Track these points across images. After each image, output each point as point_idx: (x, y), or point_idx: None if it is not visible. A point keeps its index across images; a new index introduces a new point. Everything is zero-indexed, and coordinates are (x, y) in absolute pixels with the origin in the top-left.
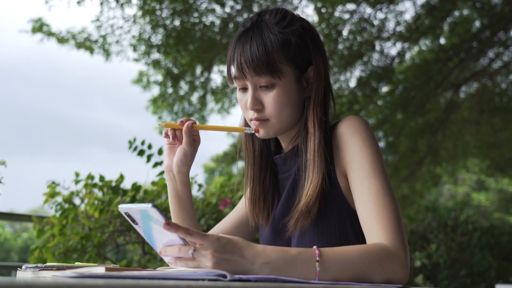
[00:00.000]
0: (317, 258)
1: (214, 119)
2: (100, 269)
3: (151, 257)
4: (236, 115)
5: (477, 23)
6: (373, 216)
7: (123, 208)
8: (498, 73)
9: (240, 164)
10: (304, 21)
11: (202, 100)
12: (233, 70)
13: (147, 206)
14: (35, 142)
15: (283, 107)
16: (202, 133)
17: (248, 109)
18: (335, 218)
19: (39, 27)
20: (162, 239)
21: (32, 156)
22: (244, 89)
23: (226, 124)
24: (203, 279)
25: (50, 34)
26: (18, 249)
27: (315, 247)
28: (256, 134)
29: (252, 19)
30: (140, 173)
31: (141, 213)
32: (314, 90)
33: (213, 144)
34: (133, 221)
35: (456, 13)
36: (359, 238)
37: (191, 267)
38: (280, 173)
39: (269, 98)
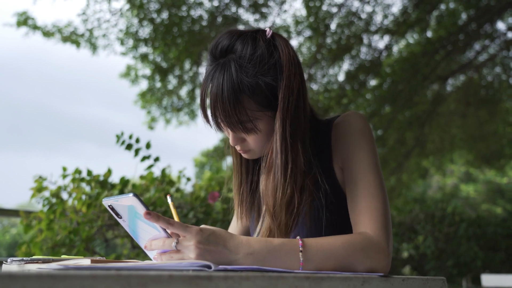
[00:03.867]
0: (300, 248)
1: None
2: (85, 261)
3: (140, 251)
4: None
5: (464, 16)
6: (361, 207)
7: (107, 201)
8: (484, 65)
9: (229, 159)
10: (275, 46)
11: (191, 94)
12: (210, 120)
13: (128, 195)
14: (23, 136)
15: (264, 142)
16: (192, 128)
17: None
18: (335, 210)
19: (24, 20)
20: (146, 237)
21: (20, 151)
22: None
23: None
24: (187, 270)
25: (35, 27)
26: (6, 244)
27: (298, 237)
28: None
29: (223, 46)
30: (130, 168)
31: (129, 209)
32: (278, 121)
33: (203, 138)
34: (117, 214)
35: (443, 6)
36: None
37: (175, 259)
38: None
39: (250, 139)
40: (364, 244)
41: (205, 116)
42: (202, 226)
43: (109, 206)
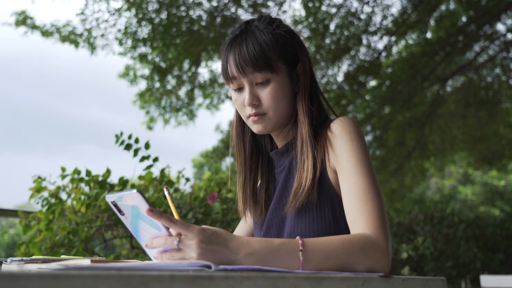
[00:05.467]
0: (300, 248)
1: (203, 115)
2: (85, 261)
3: (139, 251)
4: (226, 111)
5: (463, 17)
6: (357, 208)
7: (110, 197)
8: (483, 66)
9: (231, 159)
10: (287, 26)
11: (190, 95)
12: (231, 70)
13: (132, 191)
14: (22, 137)
15: (279, 100)
16: (191, 128)
17: (245, 107)
18: (328, 209)
19: (23, 20)
20: (147, 237)
21: (19, 152)
22: (239, 89)
23: (217, 120)
24: (188, 270)
25: (34, 27)
26: (5, 245)
27: (298, 237)
28: (254, 129)
29: (241, 27)
30: (129, 168)
31: (132, 209)
32: (301, 85)
33: (202, 139)
34: (120, 211)
35: (443, 7)
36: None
37: (176, 258)
38: (276, 168)
39: (265, 93)
40: (363, 243)
41: (227, 74)
42: (204, 226)
43: (112, 202)
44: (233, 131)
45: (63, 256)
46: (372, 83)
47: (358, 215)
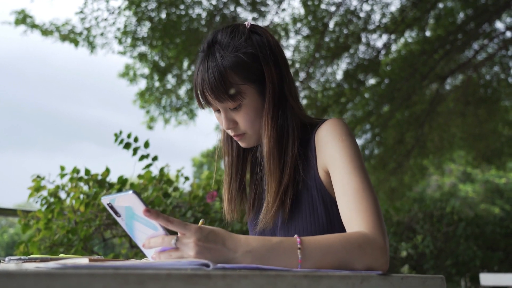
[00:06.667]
0: (299, 246)
1: (202, 113)
2: (83, 260)
3: (138, 251)
4: None
5: (462, 15)
6: (352, 208)
7: (106, 199)
8: (482, 65)
9: (215, 162)
10: (254, 32)
11: (190, 94)
12: (201, 99)
13: (128, 192)
14: (22, 137)
15: (253, 120)
16: (191, 128)
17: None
18: (321, 210)
19: (22, 19)
20: (143, 238)
21: (19, 151)
22: (218, 110)
23: (216, 118)
24: (185, 269)
25: (33, 26)
26: (4, 244)
27: (296, 235)
28: (240, 144)
29: (208, 40)
30: (129, 168)
31: (126, 210)
32: (265, 102)
33: (202, 139)
34: (116, 213)
35: (441, 5)
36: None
37: (174, 257)
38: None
39: (239, 117)
40: (361, 241)
41: (199, 101)
42: (201, 224)
43: (107, 204)
44: (222, 134)
45: (61, 255)
46: (371, 81)
47: (354, 214)
